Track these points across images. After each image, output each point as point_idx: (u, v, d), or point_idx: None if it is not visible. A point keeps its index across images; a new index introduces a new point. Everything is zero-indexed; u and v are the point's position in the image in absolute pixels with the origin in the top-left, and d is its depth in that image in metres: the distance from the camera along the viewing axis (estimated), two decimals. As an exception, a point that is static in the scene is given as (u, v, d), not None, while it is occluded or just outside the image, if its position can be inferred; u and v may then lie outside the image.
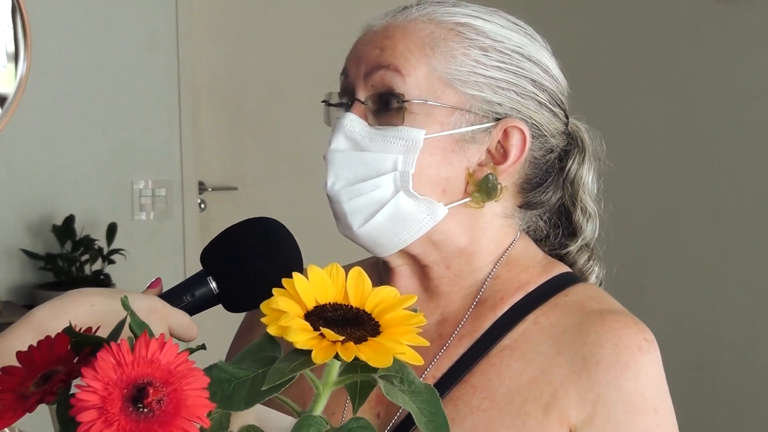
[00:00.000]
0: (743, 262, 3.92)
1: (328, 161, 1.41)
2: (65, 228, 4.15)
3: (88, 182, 4.30)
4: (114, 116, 4.32)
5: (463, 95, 1.40)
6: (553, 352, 1.38)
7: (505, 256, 1.47)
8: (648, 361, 1.36)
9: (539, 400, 1.36)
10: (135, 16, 4.36)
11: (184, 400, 0.86)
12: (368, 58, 1.42)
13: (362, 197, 1.40)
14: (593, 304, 1.42)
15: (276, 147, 4.71)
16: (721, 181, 3.99)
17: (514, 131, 1.42)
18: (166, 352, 0.87)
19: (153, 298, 1.29)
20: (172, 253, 4.44)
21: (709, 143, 4.03)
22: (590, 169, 1.53)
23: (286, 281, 0.94)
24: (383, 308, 0.95)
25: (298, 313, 0.92)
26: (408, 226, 1.41)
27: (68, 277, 4.09)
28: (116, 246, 4.18)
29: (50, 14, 4.19)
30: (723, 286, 3.96)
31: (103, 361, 0.84)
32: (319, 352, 0.89)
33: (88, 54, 4.29)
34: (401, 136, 1.38)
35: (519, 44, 1.44)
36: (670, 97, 4.11)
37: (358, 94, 1.42)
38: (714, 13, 3.99)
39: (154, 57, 4.39)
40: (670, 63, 4.13)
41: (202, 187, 4.60)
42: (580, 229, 1.54)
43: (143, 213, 4.41)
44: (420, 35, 1.41)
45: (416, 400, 0.93)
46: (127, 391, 0.85)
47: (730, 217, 3.97)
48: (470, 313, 1.45)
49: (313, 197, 4.60)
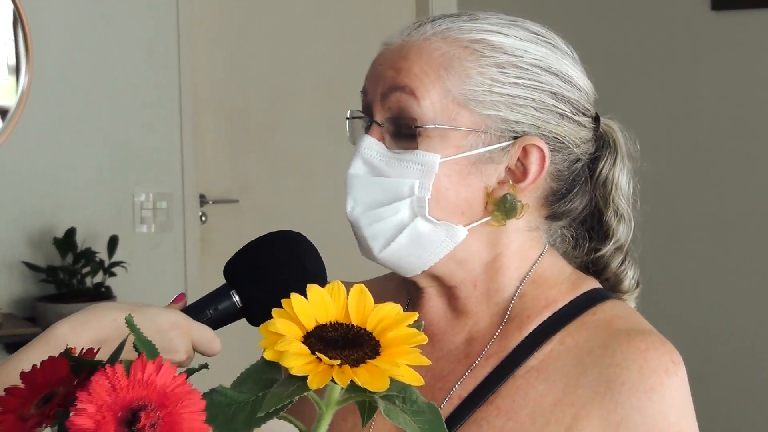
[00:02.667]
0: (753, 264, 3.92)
1: (347, 185, 1.40)
2: (66, 240, 4.15)
3: (90, 195, 4.30)
4: (115, 128, 4.33)
5: (479, 116, 1.37)
6: (577, 373, 1.37)
7: (531, 273, 1.45)
8: (674, 383, 1.34)
9: (561, 422, 1.35)
10: (136, 27, 4.36)
11: (179, 423, 0.84)
12: (384, 78, 1.40)
13: (382, 222, 1.39)
14: (620, 324, 1.40)
15: (277, 160, 4.70)
16: (717, 186, 4.00)
17: (532, 149, 1.39)
18: (162, 375, 0.85)
19: (176, 312, 1.28)
20: (172, 266, 4.43)
21: (702, 149, 4.03)
22: (623, 170, 1.49)
23: (285, 302, 0.93)
24: (385, 326, 0.93)
25: (297, 336, 0.91)
26: (428, 249, 1.39)
27: (69, 289, 4.09)
28: (117, 258, 4.18)
29: (51, 26, 4.19)
30: (748, 290, 3.95)
31: (98, 385, 0.83)
32: (314, 377, 0.88)
33: (89, 66, 4.29)
34: (417, 161, 1.37)
35: (538, 57, 1.40)
36: (666, 104, 4.11)
37: (376, 116, 1.40)
38: (710, 21, 4.01)
39: (155, 69, 4.39)
40: (666, 71, 4.13)
41: (203, 199, 4.60)
42: (611, 232, 1.50)
43: (144, 225, 4.41)
44: (434, 55, 1.38)
45: (418, 420, 0.91)
46: (122, 414, 0.84)
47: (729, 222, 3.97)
48: (498, 333, 1.43)
49: (315, 210, 4.60)
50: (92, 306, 1.28)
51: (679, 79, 4.10)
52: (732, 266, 3.97)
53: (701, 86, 4.04)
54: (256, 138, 4.69)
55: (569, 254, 1.51)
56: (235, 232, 4.60)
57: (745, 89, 3.93)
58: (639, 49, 4.17)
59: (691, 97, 4.06)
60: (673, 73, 4.12)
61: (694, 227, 4.04)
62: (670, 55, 4.12)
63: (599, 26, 4.30)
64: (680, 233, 4.05)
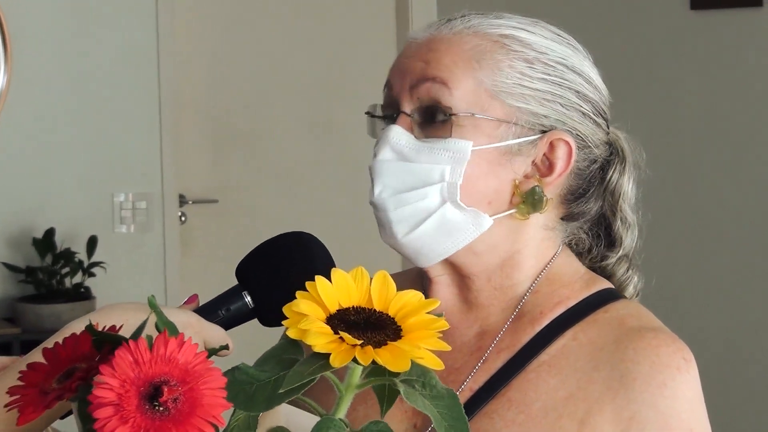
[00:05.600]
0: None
1: (375, 171, 1.41)
2: (45, 241, 4.13)
3: (69, 195, 4.28)
4: (94, 129, 4.31)
5: (510, 108, 1.40)
6: (589, 368, 1.38)
7: (545, 270, 1.47)
8: (685, 380, 1.36)
9: (574, 416, 1.36)
10: (115, 28, 4.35)
11: (200, 399, 0.86)
12: (413, 71, 1.42)
13: (409, 206, 1.40)
14: (632, 321, 1.41)
15: (257, 160, 4.70)
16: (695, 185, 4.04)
17: (559, 143, 1.42)
18: (184, 351, 0.86)
19: (188, 312, 1.29)
20: (152, 266, 4.42)
21: (681, 148, 4.07)
22: (630, 179, 1.52)
23: (310, 284, 0.94)
24: (406, 312, 0.95)
25: (320, 317, 0.92)
26: (453, 236, 1.41)
27: (48, 290, 4.07)
28: (96, 259, 4.16)
29: (30, 28, 4.18)
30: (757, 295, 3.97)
31: (121, 359, 0.85)
32: (337, 356, 0.89)
33: (68, 67, 4.28)
34: (449, 148, 1.39)
35: (562, 55, 1.45)
36: (645, 104, 4.13)
37: (404, 107, 1.42)
38: (689, 20, 4.06)
39: (135, 69, 4.38)
40: (645, 70, 4.17)
41: (183, 200, 4.59)
42: (620, 240, 1.53)
43: (124, 226, 4.39)
44: (465, 48, 1.41)
45: (437, 405, 0.93)
46: (144, 389, 0.85)
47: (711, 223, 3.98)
48: (509, 327, 1.44)
49: (295, 211, 4.60)
50: (104, 306, 1.28)
51: (659, 78, 4.14)
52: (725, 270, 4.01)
53: (680, 85, 4.09)
54: (235, 138, 4.69)
55: (579, 259, 1.53)
56: (215, 233, 4.60)
57: (725, 88, 3.98)
58: (618, 48, 4.19)
59: (670, 96, 4.11)
60: (652, 72, 4.16)
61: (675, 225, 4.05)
62: (650, 55, 4.17)
63: (577, 26, 4.30)
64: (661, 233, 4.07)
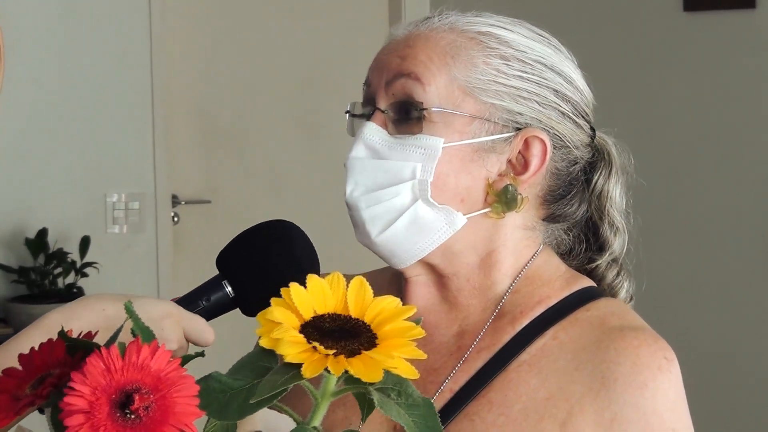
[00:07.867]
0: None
1: (348, 168, 1.41)
2: (38, 241, 4.12)
3: (61, 195, 4.27)
4: (87, 129, 4.30)
5: (483, 104, 1.40)
6: (571, 368, 1.37)
7: (525, 270, 1.46)
8: (667, 380, 1.35)
9: (555, 417, 1.35)
10: (108, 28, 4.34)
11: (172, 407, 0.85)
12: (389, 66, 1.42)
13: (381, 205, 1.39)
14: (614, 320, 1.41)
15: (250, 160, 4.69)
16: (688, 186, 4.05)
17: (535, 141, 1.41)
18: (157, 359, 0.86)
19: (168, 302, 1.28)
20: (145, 267, 4.41)
21: (673, 150, 4.07)
22: (617, 183, 1.52)
23: (284, 291, 0.92)
24: (382, 319, 0.93)
25: (294, 325, 0.90)
26: (426, 234, 1.40)
27: (41, 290, 4.06)
28: (89, 259, 4.16)
29: (22, 27, 4.17)
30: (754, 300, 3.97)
31: (93, 366, 0.84)
32: (309, 366, 0.88)
33: (61, 67, 4.27)
34: (420, 144, 1.38)
35: (542, 54, 1.44)
36: (638, 105, 4.14)
37: (379, 103, 1.42)
38: (682, 22, 4.06)
39: (128, 70, 4.37)
40: (638, 71, 4.17)
41: (176, 200, 4.58)
42: (607, 244, 1.52)
43: (116, 226, 4.38)
44: (441, 44, 1.41)
45: (412, 414, 0.91)
46: (116, 396, 0.84)
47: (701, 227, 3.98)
48: (489, 327, 1.44)
49: (287, 210, 4.58)
50: (83, 297, 1.28)
51: (652, 79, 4.14)
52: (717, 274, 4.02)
53: (674, 87, 4.09)
54: (228, 139, 4.69)
55: (564, 260, 1.52)
56: (208, 233, 4.59)
57: (718, 90, 3.98)
58: (611, 50, 4.19)
59: (663, 97, 4.11)
60: (645, 73, 4.16)
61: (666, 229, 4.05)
62: (643, 56, 4.17)
63: (569, 27, 4.31)
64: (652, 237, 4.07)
